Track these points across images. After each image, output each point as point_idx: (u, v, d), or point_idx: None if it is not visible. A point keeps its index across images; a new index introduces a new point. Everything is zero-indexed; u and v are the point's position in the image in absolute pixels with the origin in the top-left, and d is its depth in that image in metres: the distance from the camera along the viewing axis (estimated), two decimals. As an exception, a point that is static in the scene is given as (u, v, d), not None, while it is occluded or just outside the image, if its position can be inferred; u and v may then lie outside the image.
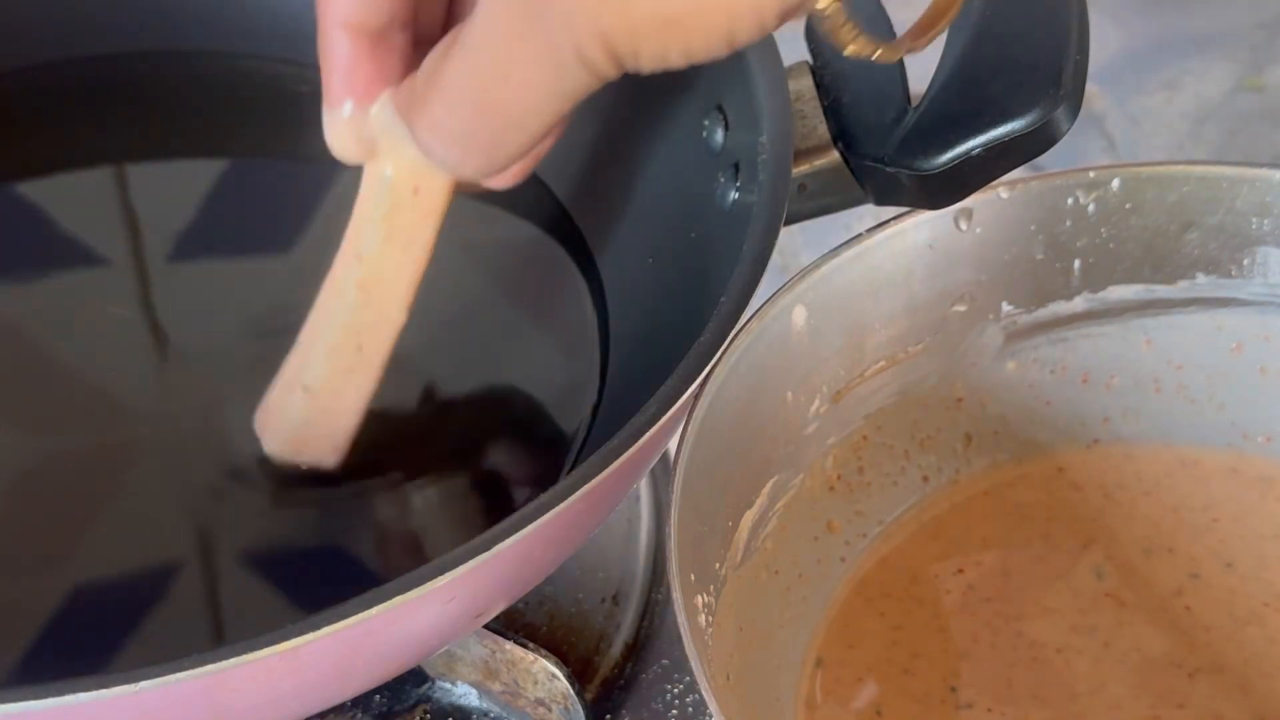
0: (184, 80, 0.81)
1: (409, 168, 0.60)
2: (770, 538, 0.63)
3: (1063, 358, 0.68)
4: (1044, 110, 0.62)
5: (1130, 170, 0.66)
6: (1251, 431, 0.68)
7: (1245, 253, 0.66)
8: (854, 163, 0.66)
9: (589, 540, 0.64)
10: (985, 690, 0.63)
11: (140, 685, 0.52)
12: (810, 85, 0.68)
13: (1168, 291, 0.67)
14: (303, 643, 0.53)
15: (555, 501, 0.56)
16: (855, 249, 0.64)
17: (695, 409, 0.59)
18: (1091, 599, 0.65)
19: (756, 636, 0.62)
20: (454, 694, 0.67)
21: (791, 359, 0.63)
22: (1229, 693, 0.63)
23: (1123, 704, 0.62)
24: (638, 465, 0.59)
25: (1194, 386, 0.68)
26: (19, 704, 0.51)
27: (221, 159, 0.78)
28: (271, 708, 0.57)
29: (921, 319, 0.66)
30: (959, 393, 0.67)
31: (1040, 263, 0.66)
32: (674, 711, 0.69)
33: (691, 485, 0.58)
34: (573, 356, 0.71)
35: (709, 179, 0.68)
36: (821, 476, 0.65)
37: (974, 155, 0.62)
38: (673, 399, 0.58)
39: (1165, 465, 0.68)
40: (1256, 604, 0.65)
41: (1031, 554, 0.66)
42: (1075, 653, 0.64)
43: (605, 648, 0.69)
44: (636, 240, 0.73)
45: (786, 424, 0.64)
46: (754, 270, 0.61)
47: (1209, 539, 0.67)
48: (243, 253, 0.75)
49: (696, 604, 0.58)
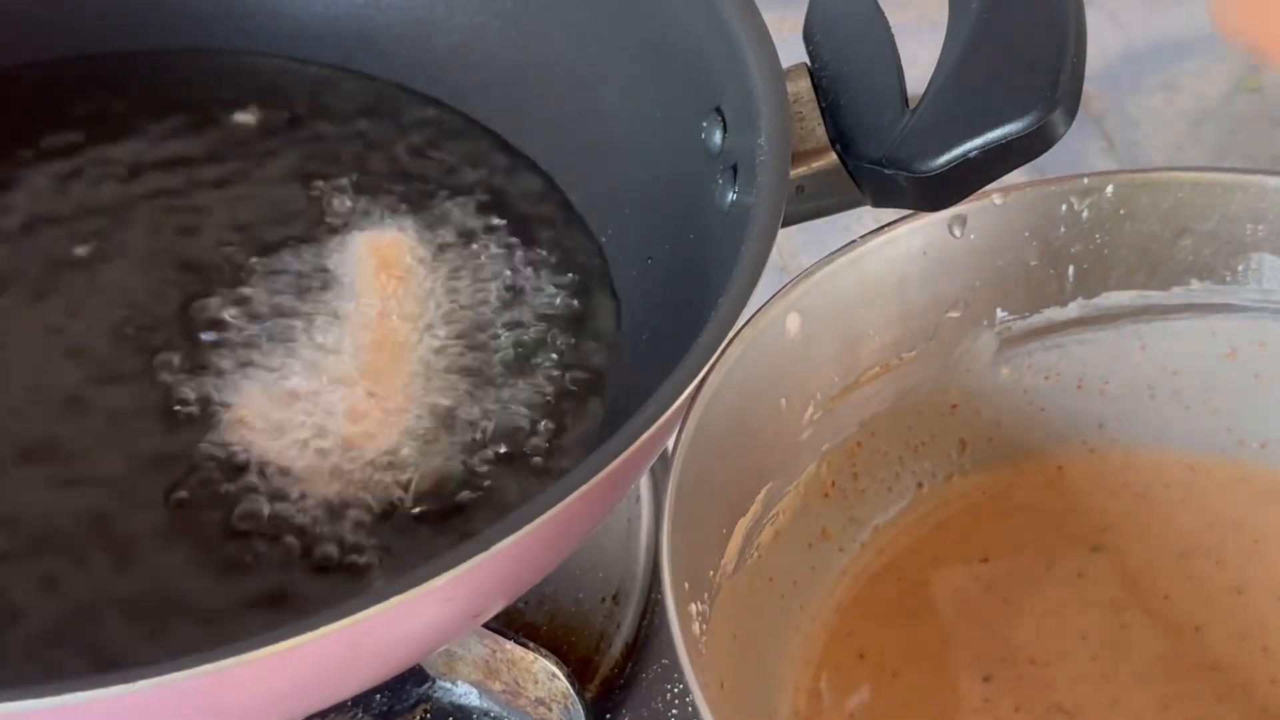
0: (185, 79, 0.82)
1: None
2: (764, 545, 0.63)
3: (1057, 364, 0.68)
4: (1041, 112, 0.62)
5: (1124, 176, 0.66)
6: (1247, 437, 0.68)
7: (1239, 259, 0.66)
8: (852, 164, 0.66)
9: (589, 540, 0.64)
10: (981, 695, 0.63)
11: (138, 685, 0.52)
12: (808, 87, 0.68)
13: (1162, 297, 0.67)
14: (301, 642, 0.53)
15: (553, 502, 0.56)
16: (849, 255, 0.64)
17: (689, 416, 0.59)
18: (1087, 603, 0.65)
19: (751, 644, 0.62)
20: (454, 693, 0.67)
21: (785, 365, 0.63)
22: (1229, 692, 0.63)
23: (1123, 705, 0.63)
24: (636, 465, 0.59)
25: (1188, 392, 0.68)
26: (18, 704, 0.52)
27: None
28: (270, 707, 0.57)
29: (915, 325, 0.66)
30: (953, 399, 0.67)
31: (1034, 269, 0.66)
32: (674, 711, 0.69)
33: (685, 492, 0.59)
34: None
35: (707, 180, 0.68)
36: (816, 483, 0.65)
37: (972, 157, 0.62)
38: (672, 399, 0.58)
39: (1159, 470, 0.68)
40: (1258, 605, 0.65)
41: (1026, 559, 0.66)
42: (1072, 657, 0.64)
43: (605, 647, 0.69)
44: (635, 241, 0.73)
45: (781, 430, 0.64)
46: (752, 271, 0.60)
47: (1208, 540, 0.67)
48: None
49: (690, 612, 0.58)
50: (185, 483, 0.67)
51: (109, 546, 0.65)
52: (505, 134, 0.79)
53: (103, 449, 0.68)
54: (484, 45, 0.79)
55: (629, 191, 0.73)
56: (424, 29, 0.80)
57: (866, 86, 0.66)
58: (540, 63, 0.77)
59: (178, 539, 0.66)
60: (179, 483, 0.67)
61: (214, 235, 0.75)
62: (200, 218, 0.76)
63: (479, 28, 0.79)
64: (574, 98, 0.77)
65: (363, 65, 0.81)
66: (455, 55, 0.80)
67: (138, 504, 0.67)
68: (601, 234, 0.75)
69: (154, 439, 0.68)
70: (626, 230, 0.74)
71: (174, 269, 0.74)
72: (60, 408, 0.70)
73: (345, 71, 0.81)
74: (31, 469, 0.68)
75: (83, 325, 0.72)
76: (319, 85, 0.81)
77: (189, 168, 0.77)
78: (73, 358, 0.71)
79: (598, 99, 0.75)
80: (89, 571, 0.65)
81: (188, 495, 0.67)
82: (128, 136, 0.79)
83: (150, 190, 0.77)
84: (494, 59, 0.79)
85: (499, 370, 0.71)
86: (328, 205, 0.76)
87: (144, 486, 0.67)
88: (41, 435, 0.69)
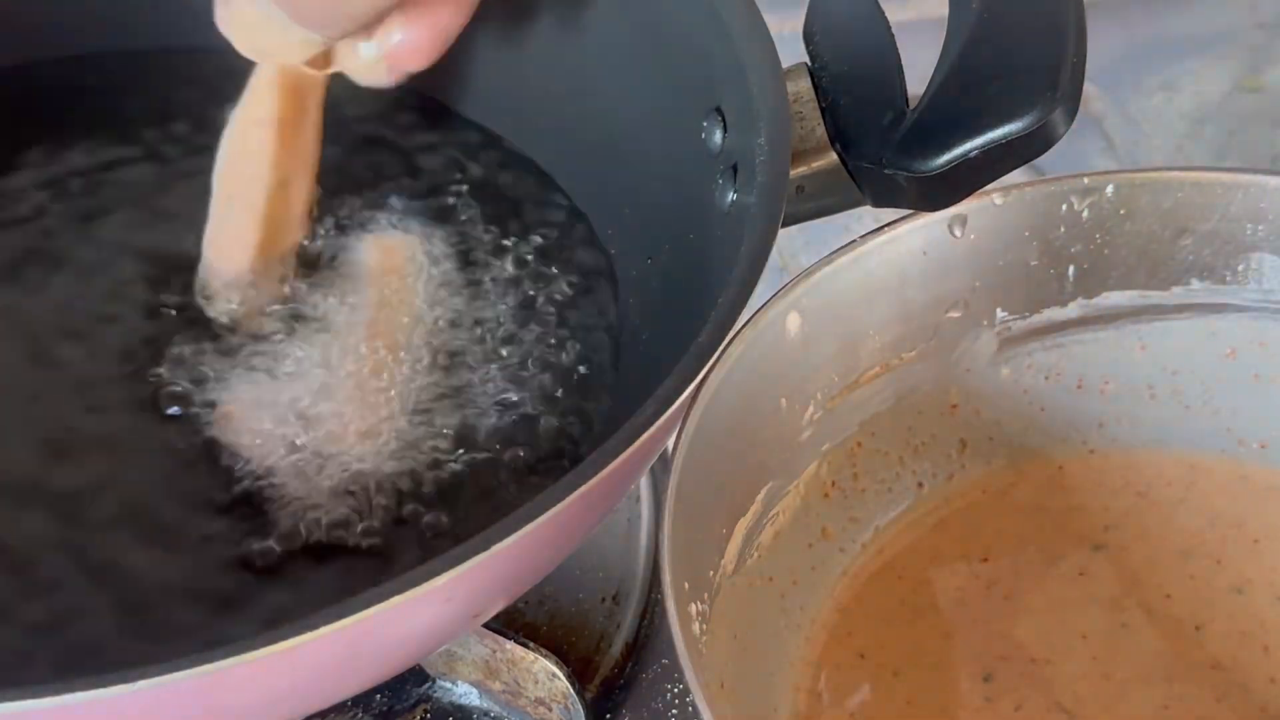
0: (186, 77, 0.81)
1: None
2: (764, 545, 0.63)
3: (1057, 364, 0.68)
4: (1041, 112, 0.62)
5: (1124, 176, 0.66)
6: (1247, 438, 0.68)
7: (1239, 259, 0.66)
8: (852, 164, 0.66)
9: (589, 540, 0.64)
10: (981, 695, 0.63)
11: (138, 685, 0.52)
12: (808, 87, 0.68)
13: (1162, 297, 0.67)
14: (301, 642, 0.53)
15: (553, 502, 0.56)
16: (849, 255, 0.64)
17: (689, 416, 0.60)
18: (1088, 602, 0.65)
19: (751, 643, 0.62)
20: (455, 693, 0.67)
21: (785, 365, 0.63)
22: (1229, 692, 0.63)
23: (1123, 704, 0.63)
24: (636, 465, 0.59)
25: (1188, 392, 0.68)
26: (18, 704, 0.51)
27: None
28: (270, 707, 0.57)
29: (916, 325, 0.66)
30: (953, 399, 0.68)
31: (1034, 269, 0.66)
32: (674, 711, 0.69)
33: (685, 493, 0.59)
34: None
35: (707, 180, 0.68)
36: (816, 483, 0.65)
37: (972, 157, 0.62)
38: (671, 398, 0.58)
39: (1160, 470, 0.68)
40: (1258, 604, 0.65)
41: (1027, 558, 0.66)
42: (1073, 656, 0.64)
43: (605, 647, 0.69)
44: (635, 240, 0.73)
45: (781, 430, 0.64)
46: (752, 271, 0.61)
47: (1208, 540, 0.67)
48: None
49: (690, 612, 0.58)
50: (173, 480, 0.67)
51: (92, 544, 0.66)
52: (505, 134, 0.79)
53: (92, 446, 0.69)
54: (484, 45, 0.78)
55: (629, 191, 0.74)
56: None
57: (866, 86, 0.67)
58: (540, 63, 0.77)
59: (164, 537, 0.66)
60: (166, 479, 0.67)
61: None
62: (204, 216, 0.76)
63: (480, 28, 0.79)
64: (574, 98, 0.77)
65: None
66: (456, 56, 0.80)
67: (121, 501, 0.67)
68: (601, 234, 0.75)
69: (143, 435, 0.68)
70: (626, 230, 0.74)
71: (173, 267, 0.74)
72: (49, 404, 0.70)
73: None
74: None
75: (77, 318, 0.72)
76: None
77: (188, 167, 0.77)
78: (67, 352, 0.71)
79: (598, 99, 0.75)
80: (73, 574, 0.65)
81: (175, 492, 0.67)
82: (126, 135, 0.79)
83: (150, 188, 0.77)
84: (494, 59, 0.78)
85: (498, 370, 0.71)
86: (329, 206, 0.76)
87: (129, 483, 0.67)
88: (28, 425, 0.69)
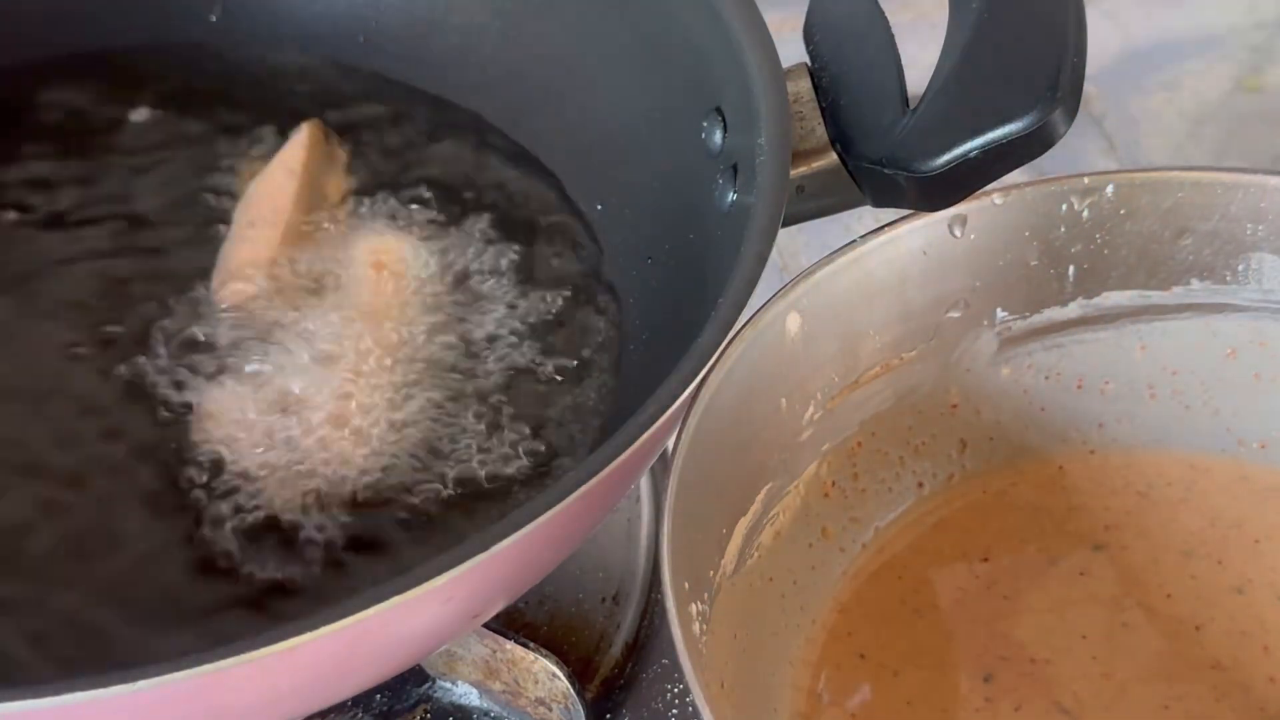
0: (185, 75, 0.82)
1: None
2: (764, 545, 0.63)
3: (1057, 364, 0.68)
4: (1041, 112, 0.62)
5: (1124, 176, 0.66)
6: (1247, 438, 0.68)
7: (1240, 258, 0.66)
8: (852, 164, 0.66)
9: (589, 540, 0.64)
10: (981, 695, 0.63)
11: (138, 685, 0.52)
12: (809, 87, 0.68)
13: (1162, 297, 0.67)
14: (301, 642, 0.53)
15: (552, 502, 0.56)
16: (849, 255, 0.64)
17: (689, 416, 0.59)
18: (1088, 602, 0.65)
19: (751, 643, 0.62)
20: (455, 693, 0.67)
21: (785, 365, 0.63)
22: (1229, 691, 0.63)
23: (1123, 704, 0.63)
24: (635, 465, 0.59)
25: (1189, 392, 0.68)
26: (18, 704, 0.52)
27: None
28: (270, 707, 0.57)
29: (916, 325, 0.66)
30: (953, 399, 0.67)
31: (1034, 269, 0.66)
32: (674, 711, 0.69)
33: (685, 493, 0.59)
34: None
35: (707, 180, 0.68)
36: (816, 483, 0.65)
37: (972, 157, 0.63)
38: (671, 399, 0.58)
39: (1160, 470, 0.68)
40: (1258, 604, 0.65)
41: (1027, 558, 0.66)
42: (1073, 655, 0.64)
43: (605, 647, 0.69)
44: (635, 240, 0.73)
45: (781, 430, 0.64)
46: (752, 271, 0.61)
47: (1209, 539, 0.66)
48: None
49: (690, 612, 0.58)
50: (164, 481, 0.67)
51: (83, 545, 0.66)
52: (505, 134, 0.79)
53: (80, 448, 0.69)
54: (484, 45, 0.79)
55: (629, 191, 0.74)
56: (424, 29, 0.80)
57: (866, 86, 0.67)
58: (540, 63, 0.78)
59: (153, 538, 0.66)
60: (157, 481, 0.67)
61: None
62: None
63: (479, 28, 0.80)
64: (574, 98, 0.77)
65: (363, 65, 0.81)
66: (455, 55, 0.80)
67: (112, 501, 0.67)
68: (601, 234, 0.75)
69: (132, 438, 0.69)
70: (627, 230, 0.74)
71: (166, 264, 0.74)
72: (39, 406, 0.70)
73: (345, 71, 0.81)
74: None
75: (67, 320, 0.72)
76: (319, 85, 0.81)
77: (186, 165, 0.78)
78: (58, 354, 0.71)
79: (598, 99, 0.75)
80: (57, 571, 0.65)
81: (167, 494, 0.67)
82: (124, 134, 0.79)
83: (147, 186, 0.77)
84: (494, 59, 0.79)
85: (497, 370, 0.71)
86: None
87: (120, 484, 0.67)
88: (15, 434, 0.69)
